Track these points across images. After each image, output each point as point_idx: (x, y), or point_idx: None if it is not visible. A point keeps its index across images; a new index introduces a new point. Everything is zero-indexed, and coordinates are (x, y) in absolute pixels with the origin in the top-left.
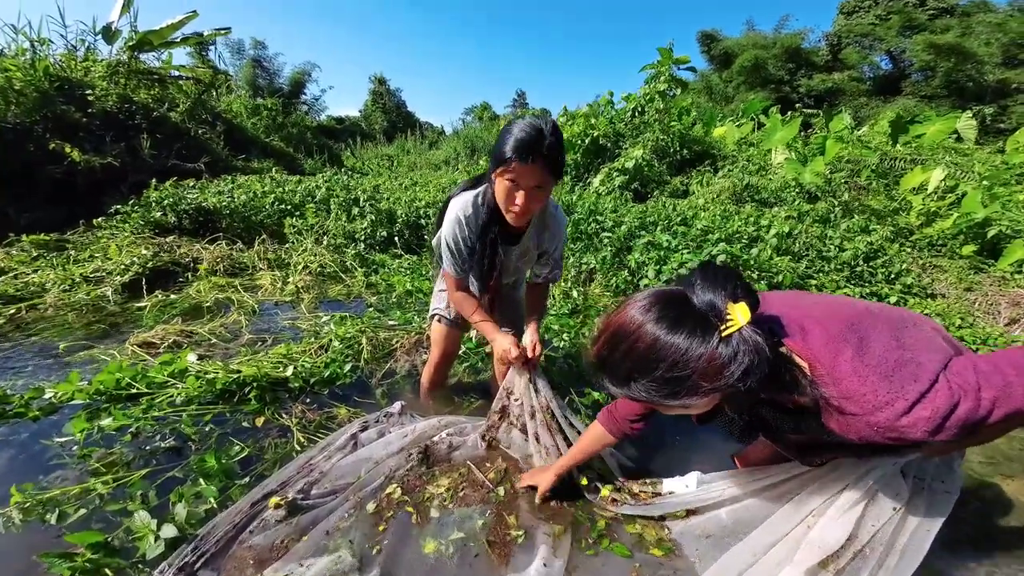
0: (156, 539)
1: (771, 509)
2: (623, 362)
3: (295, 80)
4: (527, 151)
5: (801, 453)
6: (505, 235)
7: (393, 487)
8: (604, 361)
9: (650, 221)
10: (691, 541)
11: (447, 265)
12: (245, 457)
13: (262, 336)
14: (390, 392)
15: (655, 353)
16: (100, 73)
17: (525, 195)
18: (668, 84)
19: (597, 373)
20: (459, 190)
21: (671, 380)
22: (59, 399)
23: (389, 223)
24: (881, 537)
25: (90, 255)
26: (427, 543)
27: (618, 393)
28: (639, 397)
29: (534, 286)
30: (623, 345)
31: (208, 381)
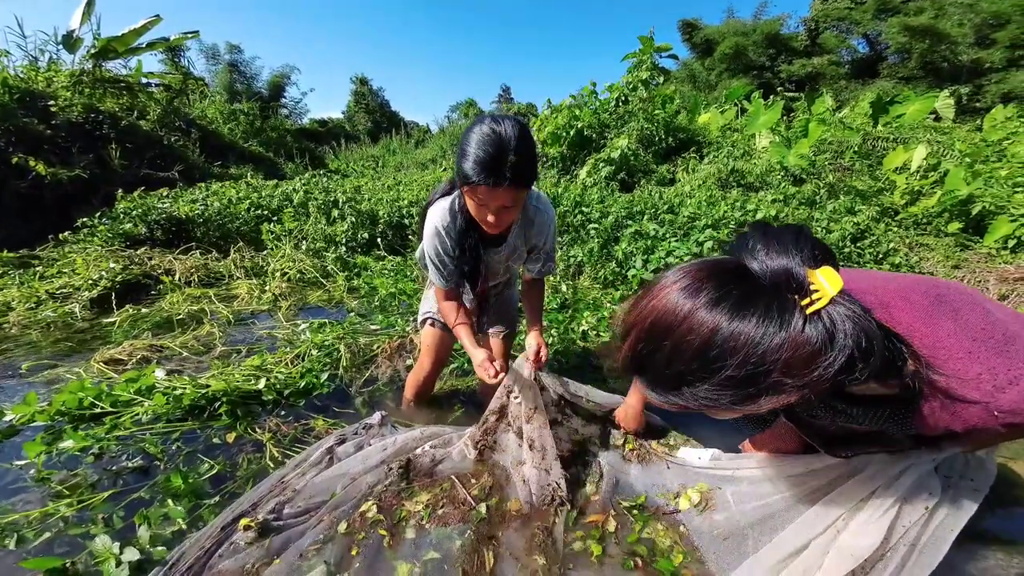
0: (118, 564)
1: (797, 510)
2: (671, 363)
3: (274, 84)
4: (489, 174)
5: (828, 443)
6: (488, 238)
7: (368, 504)
8: (642, 363)
9: (637, 211)
10: (709, 542)
11: (434, 278)
12: (216, 475)
13: (236, 348)
14: (371, 400)
15: (717, 349)
16: (63, 83)
17: (494, 214)
18: (651, 72)
19: (632, 378)
20: (436, 195)
21: (742, 381)
22: (19, 421)
23: (371, 224)
24: (907, 538)
25: (57, 271)
26: (400, 566)
27: (665, 402)
28: (696, 405)
29: (529, 283)
30: (669, 341)
31: (175, 397)
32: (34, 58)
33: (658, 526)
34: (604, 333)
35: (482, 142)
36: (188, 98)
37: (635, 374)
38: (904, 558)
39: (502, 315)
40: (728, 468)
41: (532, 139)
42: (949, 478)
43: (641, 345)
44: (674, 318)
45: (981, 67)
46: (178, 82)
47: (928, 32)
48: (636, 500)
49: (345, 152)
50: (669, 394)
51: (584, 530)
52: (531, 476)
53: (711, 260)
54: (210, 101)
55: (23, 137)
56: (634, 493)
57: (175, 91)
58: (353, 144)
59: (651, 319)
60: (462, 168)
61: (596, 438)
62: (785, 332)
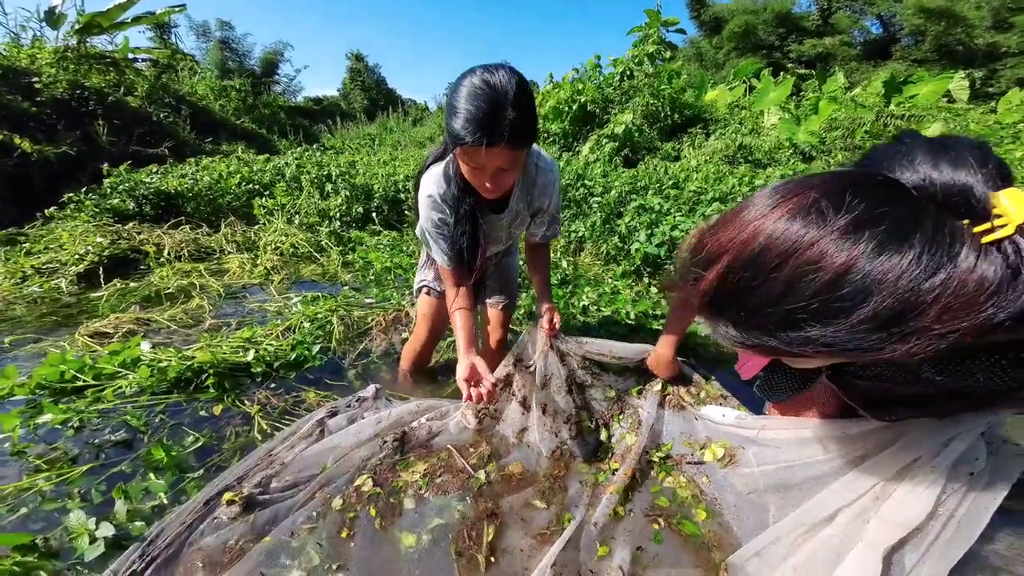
0: (93, 540)
1: (827, 477)
2: (780, 301)
3: (267, 61)
4: (484, 133)
5: (870, 405)
6: (488, 204)
7: (363, 478)
8: (733, 299)
9: (641, 186)
10: (730, 497)
11: (437, 256)
12: (201, 448)
13: (226, 321)
14: (365, 373)
15: (853, 286)
16: (47, 59)
17: (491, 178)
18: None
19: (713, 315)
20: (430, 160)
21: (878, 326)
22: None
23: (366, 199)
24: (946, 507)
25: (44, 247)
26: (404, 537)
27: (745, 344)
28: (795, 350)
29: (534, 248)
30: (780, 275)
31: (160, 370)
32: (16, 35)
33: (681, 478)
34: (605, 308)
35: (474, 96)
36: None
37: (716, 311)
38: (940, 531)
39: (502, 285)
40: (752, 428)
41: (531, 91)
42: (990, 443)
43: (736, 277)
44: (792, 247)
45: (997, 51)
46: (166, 56)
47: (944, 14)
48: (664, 448)
49: (341, 131)
50: (762, 336)
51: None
52: (538, 439)
53: (840, 172)
54: (200, 77)
55: (6, 115)
56: (662, 441)
57: (163, 66)
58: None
59: (754, 246)
60: (452, 127)
61: (632, 389)
62: (952, 267)
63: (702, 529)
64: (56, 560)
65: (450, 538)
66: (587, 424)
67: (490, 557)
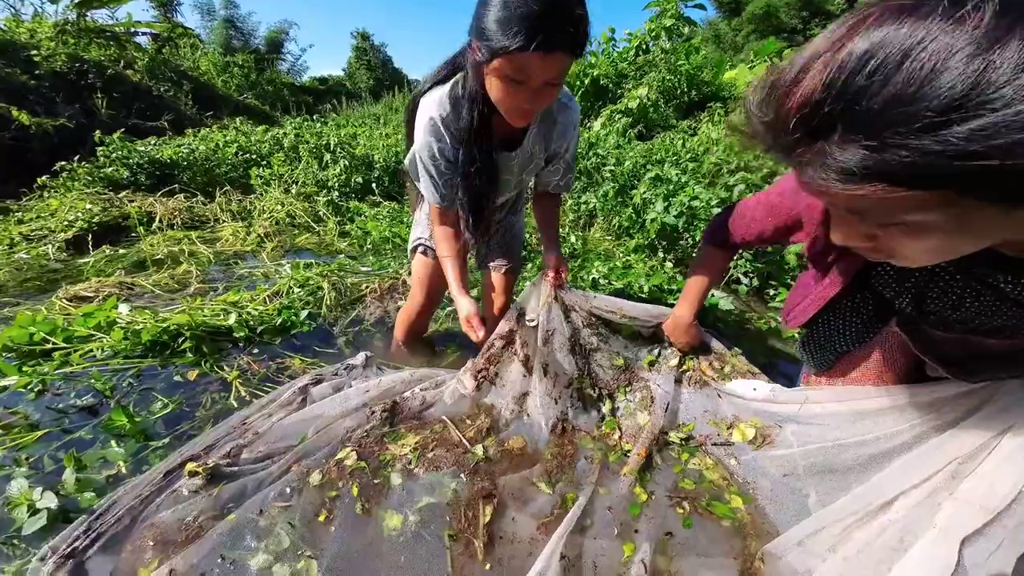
0: (34, 511)
1: (892, 449)
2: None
3: (271, 40)
4: (543, 33)
5: (950, 362)
6: (500, 139)
7: (346, 451)
8: (853, 100)
9: (656, 159)
10: (764, 480)
11: (426, 192)
12: (172, 415)
13: (213, 286)
14: (356, 342)
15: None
16: (47, 33)
17: (533, 95)
18: (675, 21)
19: (807, 139)
20: (427, 85)
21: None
22: None
23: (366, 169)
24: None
25: (36, 215)
26: (389, 517)
27: (881, 167)
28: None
29: (544, 197)
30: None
31: (134, 332)
32: (16, 10)
33: (707, 459)
34: (617, 281)
35: None
36: (178, 49)
37: (816, 131)
38: (1021, 514)
39: (506, 247)
40: (791, 403)
41: None
42: None
43: (854, 66)
44: (934, 33)
45: None
46: (167, 30)
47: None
48: (685, 429)
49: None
50: (891, 151)
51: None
52: (539, 406)
53: None
54: (203, 53)
55: (5, 87)
56: (682, 420)
57: (163, 40)
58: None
59: (869, 40)
60: (494, 27)
61: (643, 360)
62: None
63: (735, 514)
64: None
65: (444, 520)
66: (589, 393)
67: (487, 542)
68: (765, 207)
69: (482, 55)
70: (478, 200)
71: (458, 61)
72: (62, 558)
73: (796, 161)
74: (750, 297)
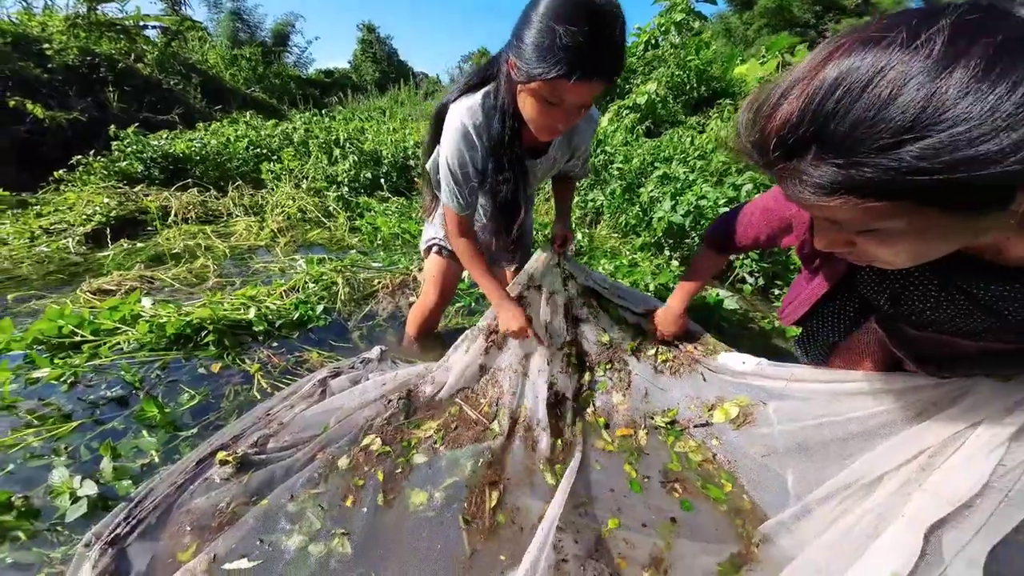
0: (75, 499)
1: (868, 432)
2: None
3: (278, 32)
4: (583, 64)
5: (922, 360)
6: (526, 147)
7: (371, 438)
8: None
9: (664, 156)
10: (745, 461)
11: (448, 197)
12: (198, 406)
13: (231, 280)
14: (370, 336)
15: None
16: (58, 27)
17: (566, 116)
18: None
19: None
20: (455, 94)
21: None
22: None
23: (375, 164)
24: (1002, 483)
25: (54, 208)
26: (415, 494)
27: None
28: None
29: (562, 180)
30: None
31: (159, 326)
32: (28, 3)
33: (690, 442)
34: (623, 280)
35: (569, 15)
36: (187, 42)
37: (791, 150)
38: (993, 510)
39: (519, 245)
40: (776, 377)
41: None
42: None
43: (819, 102)
44: (883, 63)
45: None
46: (176, 23)
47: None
48: (668, 413)
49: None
50: (853, 168)
51: (617, 443)
52: (538, 369)
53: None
54: (211, 46)
55: (19, 81)
56: (665, 406)
57: (173, 33)
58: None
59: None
60: (532, 53)
61: (626, 344)
62: None
63: (728, 497)
64: (36, 520)
65: (464, 491)
66: (574, 362)
67: (497, 517)
68: (761, 211)
69: (519, 74)
70: (505, 208)
71: (489, 72)
72: (106, 544)
73: (778, 176)
74: (755, 296)
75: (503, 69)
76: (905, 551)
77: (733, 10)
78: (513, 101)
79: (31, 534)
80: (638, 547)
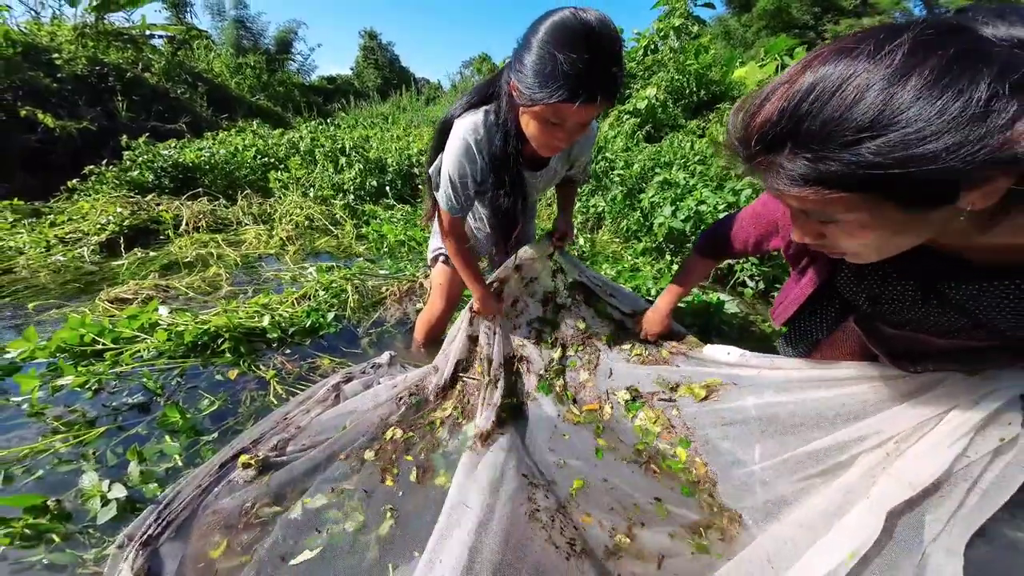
0: (106, 502)
1: (835, 419)
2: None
3: (281, 39)
4: (584, 89)
5: (896, 356)
6: (527, 160)
7: (392, 430)
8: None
9: (664, 161)
10: (705, 428)
11: (444, 202)
12: (217, 411)
13: (243, 289)
14: (379, 342)
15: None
16: (66, 36)
17: (567, 134)
18: (684, 20)
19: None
20: (459, 108)
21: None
22: (20, 358)
23: (379, 172)
24: (969, 473)
25: (68, 217)
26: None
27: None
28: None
29: (565, 183)
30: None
31: (177, 334)
32: (36, 13)
33: (650, 412)
34: (625, 284)
35: (569, 42)
36: (193, 51)
37: (771, 146)
38: (963, 499)
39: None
40: (759, 366)
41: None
42: None
43: (795, 104)
44: (848, 72)
45: None
46: (182, 32)
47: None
48: (631, 390)
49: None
50: (840, 152)
51: (584, 417)
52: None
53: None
54: (216, 55)
55: (29, 91)
56: (629, 383)
57: (179, 43)
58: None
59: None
60: (533, 79)
61: (603, 335)
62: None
63: (688, 467)
64: (69, 523)
65: None
66: (547, 340)
67: None
68: (751, 216)
69: (521, 96)
70: (504, 221)
71: (491, 90)
72: (140, 545)
73: (758, 168)
74: (755, 299)
75: (505, 89)
76: (866, 531)
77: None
78: (515, 121)
79: (65, 536)
80: (602, 508)
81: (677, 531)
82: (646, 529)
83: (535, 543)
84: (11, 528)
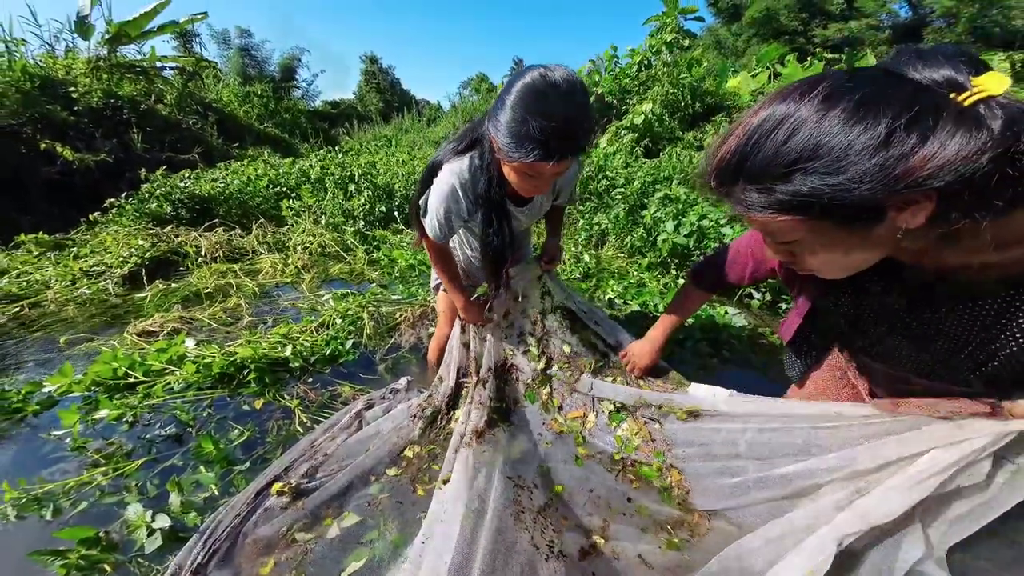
0: (151, 532)
1: (808, 450)
2: (789, 140)
3: (285, 66)
4: (557, 149)
5: (876, 387)
6: (511, 195)
7: (412, 448)
8: (745, 158)
9: (664, 176)
10: (686, 448)
11: (429, 231)
12: (247, 441)
13: (263, 319)
14: (395, 367)
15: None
16: (81, 70)
17: (546, 182)
18: (675, 36)
19: (727, 181)
20: (447, 152)
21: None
22: (58, 392)
23: (388, 198)
24: (926, 516)
25: (91, 250)
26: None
27: (766, 204)
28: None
29: (551, 209)
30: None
31: (205, 365)
32: (50, 46)
33: (632, 424)
34: (632, 302)
35: (540, 106)
36: (203, 82)
37: (730, 176)
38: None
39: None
40: (747, 413)
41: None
42: (1004, 462)
43: (746, 142)
44: (783, 114)
45: None
46: (191, 64)
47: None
48: (615, 403)
49: (358, 133)
50: (778, 184)
51: (567, 425)
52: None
53: (838, 72)
54: (224, 84)
55: (48, 124)
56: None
57: (189, 74)
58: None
59: (760, 118)
60: (508, 140)
61: (588, 363)
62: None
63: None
64: (118, 553)
65: None
66: (533, 351)
67: None
68: (747, 243)
69: (499, 152)
70: (494, 257)
71: (474, 136)
72: (191, 573)
73: (723, 198)
74: (762, 311)
75: (487, 136)
76: (823, 555)
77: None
78: (498, 166)
79: (115, 566)
80: (581, 511)
81: (650, 527)
82: (621, 529)
83: (520, 543)
84: (67, 559)
